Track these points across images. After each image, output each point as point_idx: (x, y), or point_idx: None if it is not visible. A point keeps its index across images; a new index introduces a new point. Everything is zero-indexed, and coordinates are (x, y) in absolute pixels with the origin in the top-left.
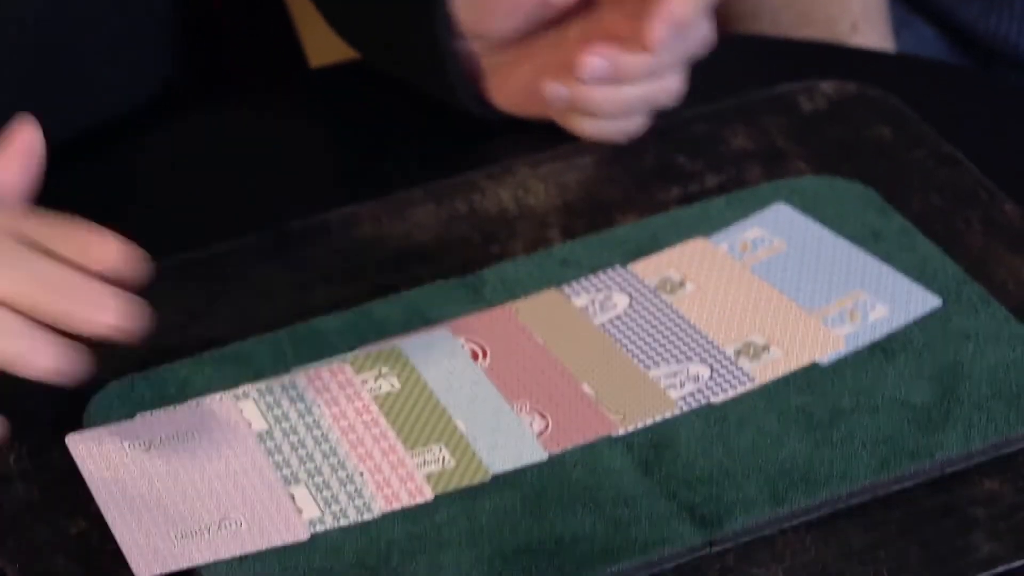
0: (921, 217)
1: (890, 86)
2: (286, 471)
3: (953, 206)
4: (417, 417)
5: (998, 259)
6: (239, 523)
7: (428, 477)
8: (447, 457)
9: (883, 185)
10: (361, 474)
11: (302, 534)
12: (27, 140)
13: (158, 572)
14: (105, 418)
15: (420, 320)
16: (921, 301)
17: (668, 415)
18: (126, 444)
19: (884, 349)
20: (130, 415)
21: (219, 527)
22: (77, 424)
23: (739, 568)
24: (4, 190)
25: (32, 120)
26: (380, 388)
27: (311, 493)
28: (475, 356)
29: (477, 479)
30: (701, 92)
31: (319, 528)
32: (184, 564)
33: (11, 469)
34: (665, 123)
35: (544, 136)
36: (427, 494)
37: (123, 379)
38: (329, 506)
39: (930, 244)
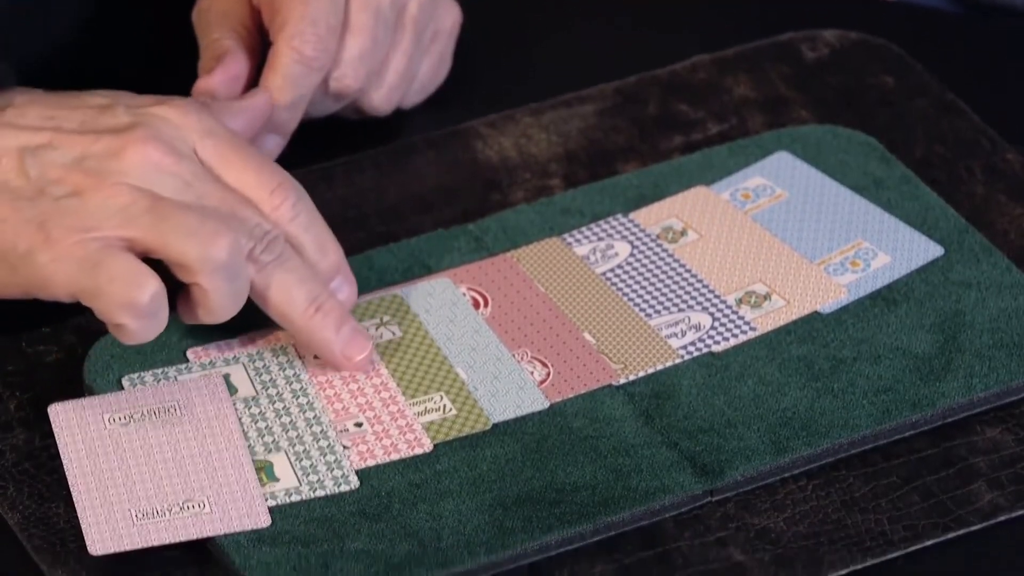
0: (923, 165)
1: (892, 34)
2: (268, 439)
3: (955, 154)
4: (418, 366)
5: (1000, 208)
6: (203, 505)
7: (429, 425)
8: (448, 405)
9: (885, 133)
10: (344, 447)
11: (263, 521)
12: (260, 105)
13: (112, 550)
14: (106, 367)
15: (421, 268)
16: (923, 250)
17: (669, 364)
18: (106, 417)
19: (885, 298)
20: (130, 364)
21: (182, 508)
22: (78, 372)
23: (740, 517)
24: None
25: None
26: (381, 336)
27: (291, 462)
28: (476, 305)
29: (478, 427)
30: (704, 41)
31: (295, 498)
32: (139, 544)
33: (11, 417)
34: (667, 72)
35: (546, 84)
36: (426, 445)
37: None
38: (307, 476)
39: (932, 193)
